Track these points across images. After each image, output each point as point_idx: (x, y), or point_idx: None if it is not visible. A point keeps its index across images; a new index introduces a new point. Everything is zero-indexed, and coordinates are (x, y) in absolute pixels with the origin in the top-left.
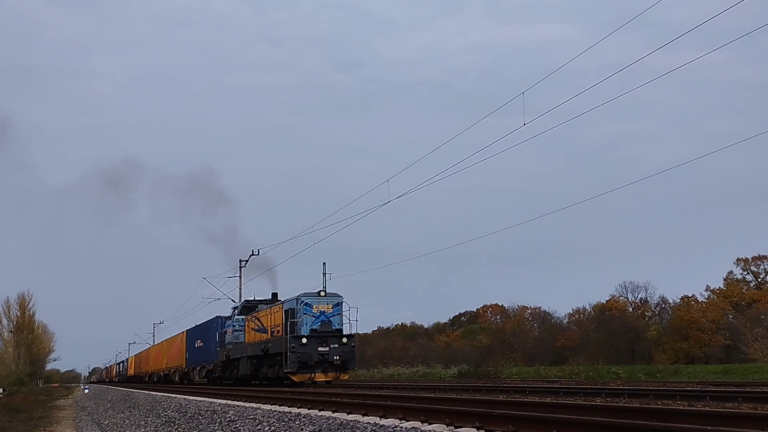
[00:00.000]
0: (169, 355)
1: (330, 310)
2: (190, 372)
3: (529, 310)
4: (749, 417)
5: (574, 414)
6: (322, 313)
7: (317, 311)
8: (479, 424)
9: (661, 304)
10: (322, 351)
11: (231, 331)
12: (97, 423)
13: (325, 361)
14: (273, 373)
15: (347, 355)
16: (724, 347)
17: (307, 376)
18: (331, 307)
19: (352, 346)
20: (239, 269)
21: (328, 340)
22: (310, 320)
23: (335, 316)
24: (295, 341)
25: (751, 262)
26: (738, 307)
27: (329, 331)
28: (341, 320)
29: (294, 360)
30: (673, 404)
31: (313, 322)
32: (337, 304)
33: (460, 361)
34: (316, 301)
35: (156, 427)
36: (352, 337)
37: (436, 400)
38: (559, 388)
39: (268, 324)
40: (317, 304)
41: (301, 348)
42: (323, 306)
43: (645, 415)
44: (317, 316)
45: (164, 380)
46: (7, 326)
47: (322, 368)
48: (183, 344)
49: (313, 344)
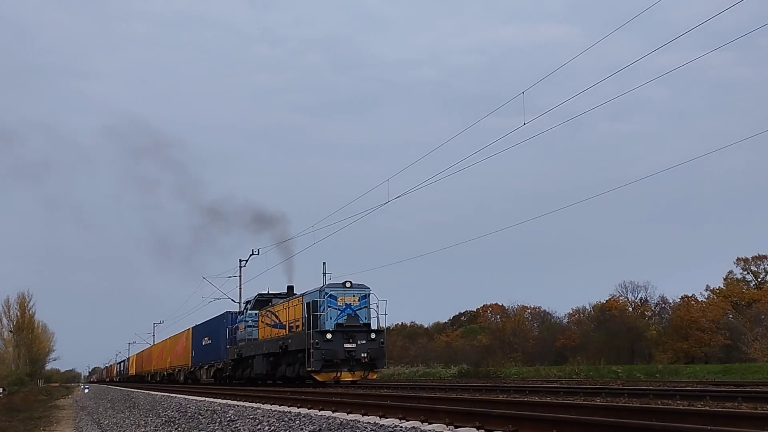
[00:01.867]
0: (173, 354)
1: (356, 303)
2: (197, 371)
3: (529, 310)
4: (749, 417)
5: (574, 414)
6: (347, 306)
7: (342, 304)
8: (479, 424)
9: (661, 304)
10: (349, 347)
11: (243, 327)
12: (97, 423)
13: (351, 358)
14: (293, 371)
15: (376, 352)
16: (724, 347)
17: (332, 375)
18: (358, 299)
19: (381, 342)
20: (239, 269)
21: (355, 335)
22: (334, 314)
23: (362, 310)
24: (319, 337)
25: (751, 261)
26: (738, 306)
27: (356, 325)
28: (369, 314)
29: (318, 357)
30: (673, 404)
31: (339, 316)
32: (364, 296)
33: (460, 360)
34: (342, 292)
35: (156, 426)
36: (380, 332)
37: (436, 399)
38: (559, 388)
39: (286, 319)
40: (342, 296)
41: (326, 344)
42: (349, 298)
43: (645, 414)
44: (342, 309)
45: (168, 380)
46: (7, 326)
47: (348, 366)
48: (189, 342)
49: (338, 340)
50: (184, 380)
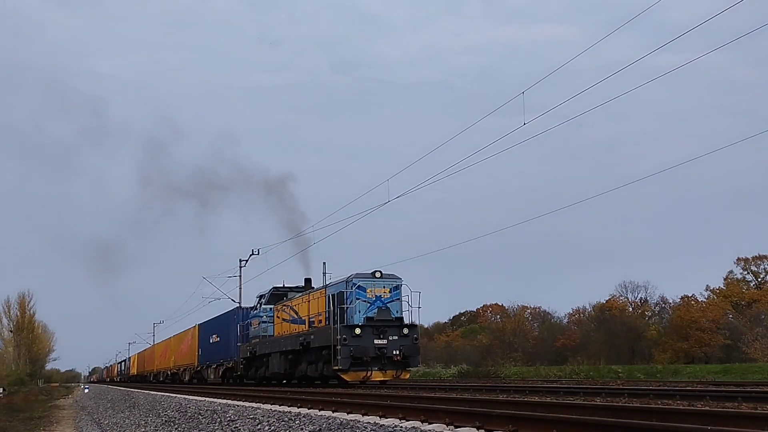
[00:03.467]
0: (178, 353)
1: (387, 295)
2: (204, 370)
3: (529, 309)
4: (749, 417)
5: (574, 414)
6: (377, 298)
7: (372, 296)
8: (479, 424)
9: (661, 304)
10: (379, 344)
11: (257, 323)
12: (97, 423)
13: (382, 356)
14: (315, 371)
15: (409, 349)
16: (724, 347)
17: (361, 375)
18: (389, 290)
19: (414, 338)
20: (239, 269)
21: (386, 330)
22: (363, 307)
23: (394, 302)
24: (347, 332)
25: (751, 261)
26: (738, 306)
27: (387, 319)
28: (401, 307)
29: (346, 355)
30: (673, 404)
31: (368, 309)
32: (395, 287)
33: (460, 360)
34: (371, 283)
35: (156, 426)
36: (414, 327)
37: (436, 399)
38: (559, 388)
39: (306, 313)
40: (372, 287)
41: (355, 340)
42: (379, 289)
43: (645, 414)
44: (372, 301)
45: (172, 380)
46: (7, 326)
47: (379, 365)
48: (195, 340)
49: (368, 336)
50: (190, 380)
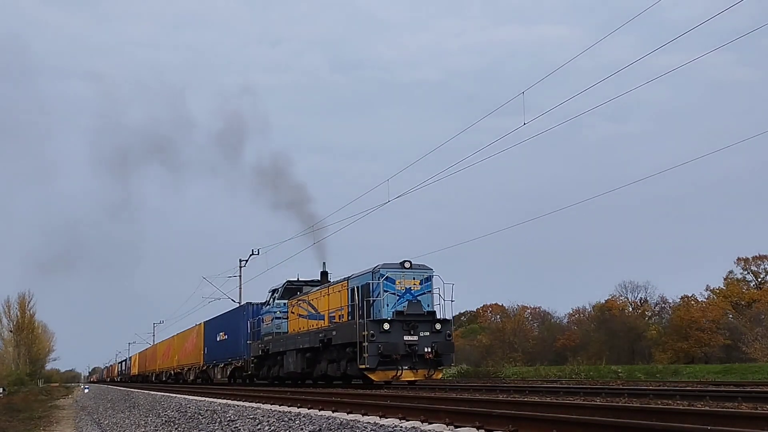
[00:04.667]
0: (182, 352)
1: (417, 287)
2: (210, 370)
3: (529, 309)
4: (749, 417)
5: (574, 414)
6: (407, 290)
7: (401, 288)
8: (479, 424)
9: (661, 304)
10: (410, 341)
11: (270, 319)
12: (97, 423)
13: (413, 354)
14: (337, 370)
15: (443, 346)
16: (724, 347)
17: (391, 374)
18: (419, 282)
19: (447, 334)
20: (239, 269)
21: (417, 326)
22: (392, 300)
23: (425, 295)
24: (375, 327)
25: (751, 261)
26: (738, 306)
27: (419, 314)
28: (432, 300)
29: (373, 352)
30: (673, 404)
31: (397, 303)
32: (426, 279)
33: (460, 360)
34: (400, 274)
35: (156, 426)
36: (447, 322)
37: (436, 399)
38: (559, 388)
39: (325, 307)
40: (401, 278)
41: (383, 336)
42: (409, 281)
43: (645, 414)
44: (402, 294)
45: (175, 380)
46: (7, 326)
47: (410, 363)
48: (200, 338)
49: (397, 331)
50: (194, 380)
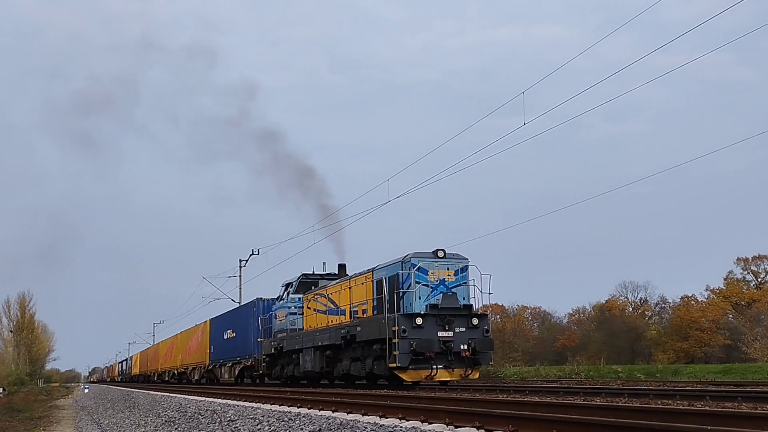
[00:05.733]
0: (185, 350)
1: (452, 278)
2: (216, 369)
3: (529, 310)
4: (749, 417)
5: (574, 413)
6: (441, 281)
7: (434, 279)
8: (479, 424)
9: (661, 304)
10: (445, 337)
11: (284, 316)
12: (97, 423)
13: (448, 351)
14: (361, 369)
15: (481, 343)
16: (724, 347)
17: (424, 374)
18: (453, 273)
19: (485, 330)
20: (239, 269)
21: (452, 320)
22: (425, 292)
23: (460, 287)
24: (406, 322)
25: (751, 261)
26: (738, 306)
27: (454, 307)
28: (468, 292)
29: (405, 350)
30: (673, 404)
31: (431, 295)
32: (462, 269)
33: None
34: (433, 264)
35: (156, 426)
36: (484, 317)
37: (436, 399)
38: (559, 388)
39: (346, 302)
40: (434, 268)
41: (416, 332)
42: (442, 272)
43: (645, 414)
44: (435, 286)
45: (179, 380)
46: (7, 326)
47: (445, 362)
48: (206, 336)
49: (431, 326)
50: (200, 380)
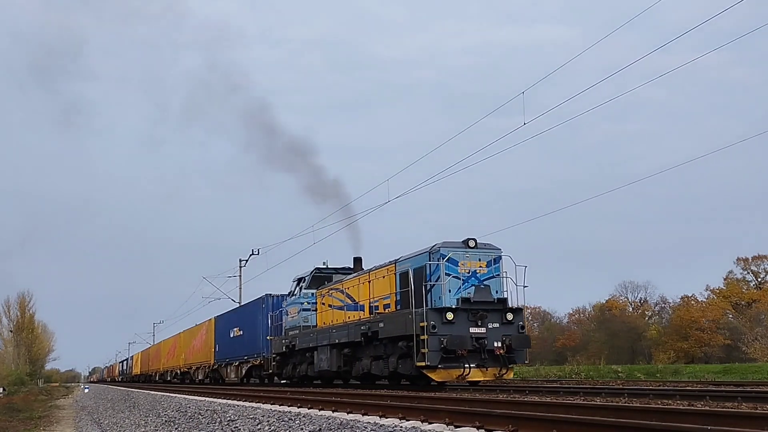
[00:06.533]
0: (189, 349)
1: (484, 270)
2: (222, 369)
3: (529, 309)
4: (749, 417)
5: (574, 413)
6: (472, 273)
7: (465, 271)
8: (479, 424)
9: (661, 304)
10: (477, 333)
11: (296, 311)
12: (97, 423)
13: (481, 349)
14: (384, 368)
15: (517, 340)
16: (724, 347)
17: (456, 373)
18: (485, 264)
19: (521, 326)
20: (239, 269)
21: (485, 315)
22: (455, 284)
23: (493, 279)
24: (436, 317)
25: (751, 261)
26: (738, 306)
27: (487, 301)
28: (501, 285)
29: (435, 347)
30: (673, 404)
31: (462, 288)
32: (494, 260)
33: None
34: (463, 254)
35: (156, 426)
36: (520, 312)
37: (436, 399)
38: (559, 388)
39: (366, 296)
40: (464, 259)
41: (446, 328)
42: (473, 263)
43: (645, 414)
44: (466, 278)
45: (182, 380)
46: (7, 326)
47: (478, 360)
48: (210, 335)
49: (462, 322)
50: (204, 380)
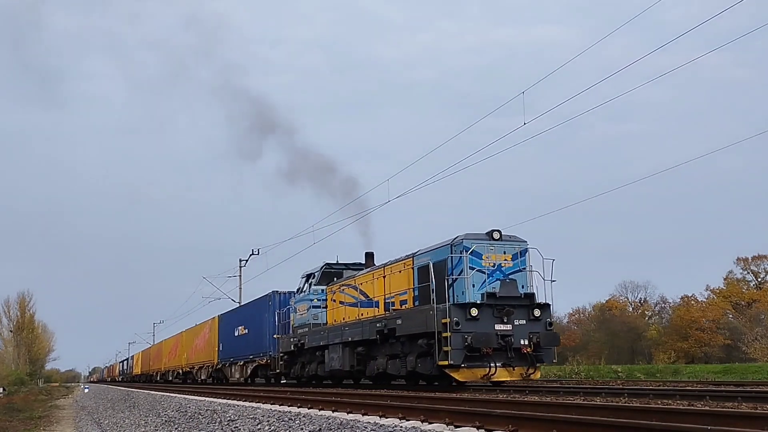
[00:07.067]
0: (191, 349)
1: (509, 263)
2: (226, 368)
3: None
4: (749, 417)
5: (574, 413)
6: (497, 267)
7: (489, 264)
8: (479, 424)
9: (661, 304)
10: (503, 330)
11: (305, 309)
12: (97, 422)
13: (507, 347)
14: (401, 367)
15: (545, 338)
16: (724, 347)
17: (481, 373)
18: (510, 257)
19: (548, 323)
20: (239, 269)
21: (512, 311)
22: (479, 279)
23: (519, 273)
24: (459, 313)
25: (751, 261)
26: (738, 306)
27: (514, 296)
28: (528, 279)
29: (458, 345)
30: (673, 404)
31: (486, 282)
32: (520, 253)
33: None
34: (487, 247)
35: (156, 426)
36: (547, 308)
37: (436, 399)
38: (559, 388)
39: (380, 292)
40: (488, 252)
41: (470, 325)
42: (498, 256)
43: (645, 414)
44: (490, 272)
45: (184, 379)
46: (7, 326)
47: (504, 359)
48: (214, 333)
49: (487, 319)
50: (207, 379)
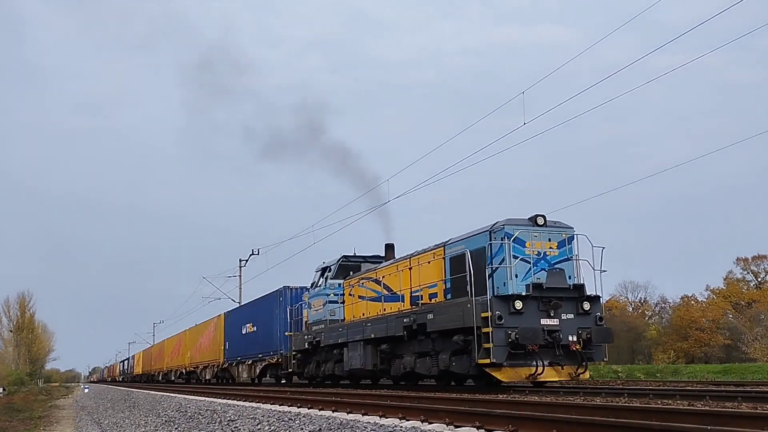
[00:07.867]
0: (195, 348)
1: (555, 252)
2: (232, 368)
3: None
4: (749, 417)
5: (574, 413)
6: (542, 255)
7: (533, 252)
8: (479, 424)
9: (661, 304)
10: (550, 326)
11: (321, 304)
12: (97, 422)
13: (555, 343)
14: (433, 366)
15: (596, 334)
16: (724, 347)
17: (526, 372)
18: (557, 245)
19: (599, 317)
20: (239, 269)
21: (559, 305)
22: (522, 268)
23: (565, 262)
24: (501, 306)
25: (751, 261)
26: (738, 306)
27: (562, 288)
28: (575, 269)
29: (501, 341)
30: (673, 404)
31: (531, 272)
32: (567, 240)
33: None
34: (531, 233)
35: (156, 426)
36: (597, 301)
37: (436, 399)
38: (559, 388)
39: (406, 285)
40: (532, 239)
41: (514, 319)
42: (543, 243)
43: (645, 414)
44: (535, 261)
45: (187, 379)
46: (7, 326)
47: (552, 357)
48: (219, 331)
49: (532, 313)
50: (212, 379)
